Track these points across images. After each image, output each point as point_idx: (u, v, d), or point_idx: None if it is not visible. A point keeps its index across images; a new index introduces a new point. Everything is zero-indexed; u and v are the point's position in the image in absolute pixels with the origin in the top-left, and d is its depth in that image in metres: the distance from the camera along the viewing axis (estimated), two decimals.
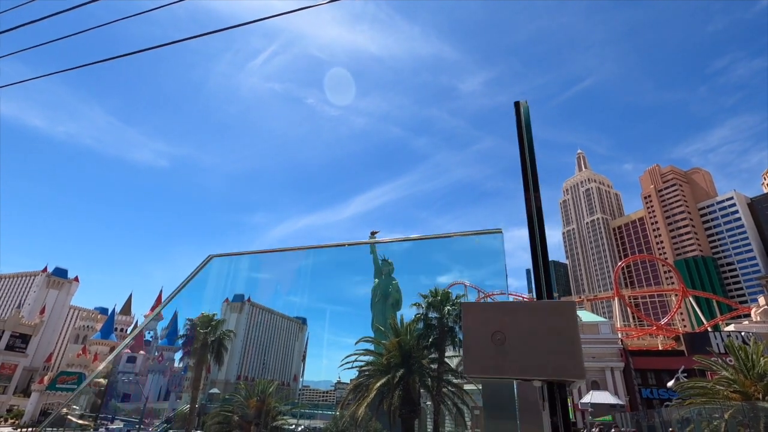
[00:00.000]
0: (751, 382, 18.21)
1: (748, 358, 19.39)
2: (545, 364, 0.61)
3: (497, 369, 0.61)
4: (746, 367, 18.80)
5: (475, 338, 0.67)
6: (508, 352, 0.63)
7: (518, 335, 0.62)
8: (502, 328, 0.63)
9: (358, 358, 21.72)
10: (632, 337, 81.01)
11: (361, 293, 30.45)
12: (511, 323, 0.64)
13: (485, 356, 0.61)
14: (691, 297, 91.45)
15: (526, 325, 0.65)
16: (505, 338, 0.66)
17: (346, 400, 21.36)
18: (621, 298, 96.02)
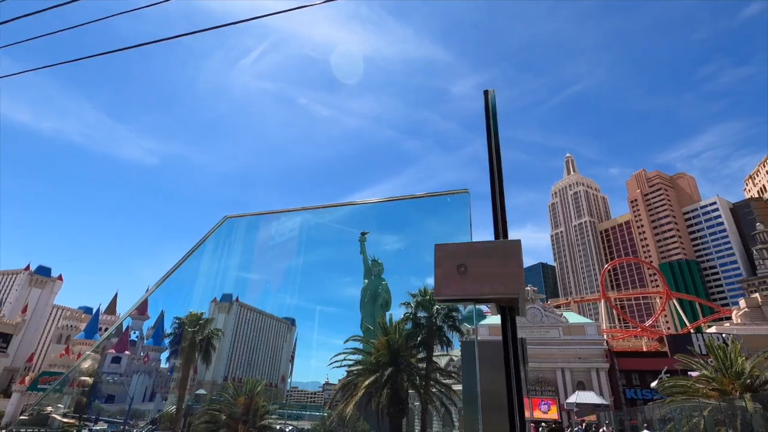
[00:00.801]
0: (729, 381, 18.76)
1: (726, 357, 19.95)
2: (496, 286, 0.88)
3: (461, 291, 0.89)
4: (725, 366, 19.35)
5: (444, 270, 0.93)
6: (469, 279, 0.90)
7: (477, 267, 0.89)
8: (465, 262, 0.90)
9: (346, 357, 21.74)
10: (617, 338, 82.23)
11: (351, 294, 29.02)
12: (472, 258, 0.92)
13: (452, 283, 0.88)
14: (674, 299, 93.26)
15: (483, 258, 0.93)
16: (467, 269, 0.93)
17: (334, 400, 21.45)
18: (607, 300, 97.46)
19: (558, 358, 59.21)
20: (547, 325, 62.78)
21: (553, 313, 65.38)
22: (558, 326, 62.44)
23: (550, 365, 59.10)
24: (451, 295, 0.91)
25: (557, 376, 58.28)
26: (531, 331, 62.56)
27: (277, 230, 19.34)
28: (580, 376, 57.44)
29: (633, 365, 55.50)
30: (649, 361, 51.78)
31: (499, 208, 1.07)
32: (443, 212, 1.50)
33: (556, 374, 58.48)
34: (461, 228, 1.30)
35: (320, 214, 10.83)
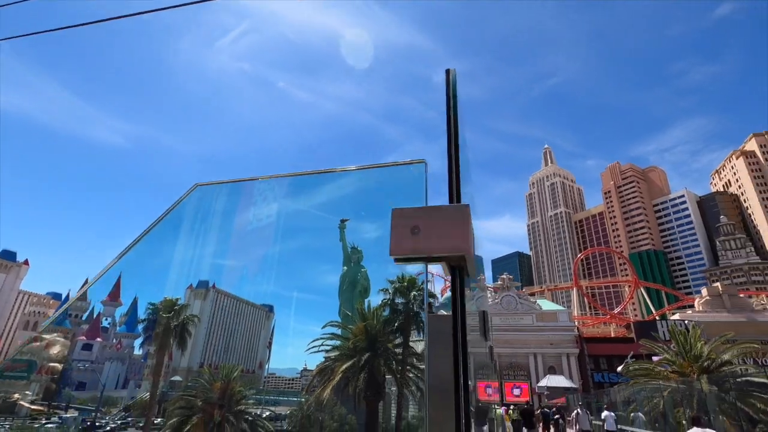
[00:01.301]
0: (688, 364, 19.87)
1: (687, 342, 21.07)
2: (445, 245, 0.96)
3: (413, 250, 0.97)
4: (685, 350, 20.45)
5: (398, 231, 1.01)
6: (421, 239, 0.98)
7: (428, 228, 0.97)
8: (418, 224, 0.98)
9: (324, 342, 21.90)
10: (588, 325, 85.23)
11: (329, 282, 28.66)
12: (424, 220, 1.00)
13: (404, 243, 0.96)
14: (642, 288, 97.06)
15: (434, 221, 1.01)
16: (419, 230, 1.00)
17: (311, 384, 21.59)
18: (579, 289, 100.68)
19: (531, 344, 61.11)
20: (521, 312, 64.54)
21: (528, 301, 67.18)
22: (532, 313, 64.27)
23: (523, 351, 60.97)
24: (404, 254, 1.01)
25: (530, 361, 60.22)
26: (506, 318, 64.22)
27: (255, 215, 19.04)
28: (551, 361, 59.51)
29: (601, 350, 57.80)
30: (616, 347, 53.94)
31: (454, 177, 1.13)
32: (400, 182, 1.52)
33: (529, 359, 60.41)
34: (417, 196, 1.35)
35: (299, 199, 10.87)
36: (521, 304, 65.49)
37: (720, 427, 13.91)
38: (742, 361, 24.65)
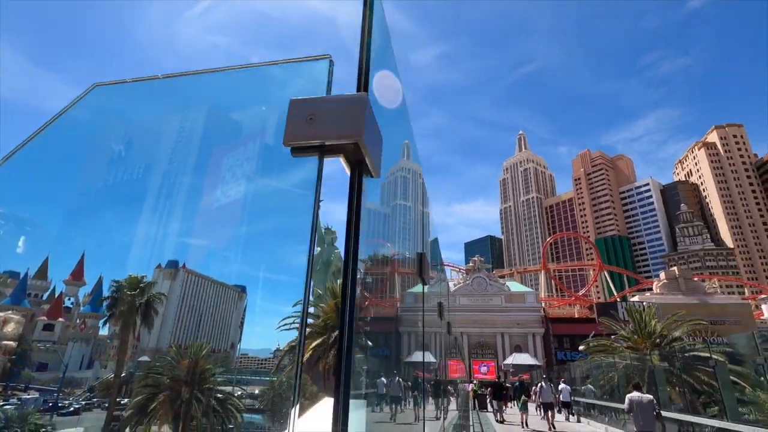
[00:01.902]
0: (642, 340, 21.06)
1: (642, 320, 22.26)
2: (339, 131, 0.95)
3: (307, 137, 0.96)
4: (640, 328, 21.63)
5: (294, 120, 0.98)
6: (316, 128, 0.97)
7: (323, 116, 0.96)
8: (315, 113, 0.97)
9: (295, 320, 21.91)
10: (553, 306, 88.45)
11: (303, 263, 28.90)
12: (321, 110, 0.99)
13: (299, 131, 0.94)
14: (606, 272, 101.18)
15: (331, 110, 1.00)
16: (315, 119, 0.98)
17: (281, 362, 21.74)
18: (547, 272, 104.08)
19: (499, 324, 63.08)
20: (491, 294, 66.31)
21: (497, 282, 69.01)
22: (501, 294, 66.15)
23: (491, 330, 62.91)
24: (298, 142, 0.99)
25: (497, 341, 62.26)
26: (476, 299, 65.88)
27: (223, 192, 18.68)
28: (517, 340, 61.74)
29: (565, 330, 60.27)
30: (579, 327, 56.24)
31: (364, 67, 1.10)
32: (302, 78, 1.44)
33: (497, 338, 62.44)
34: (319, 91, 1.29)
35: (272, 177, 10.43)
36: (491, 286, 67.25)
37: (666, 397, 14.88)
38: (691, 339, 26.22)
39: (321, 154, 1.02)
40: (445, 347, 10.95)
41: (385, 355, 4.99)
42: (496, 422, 18.74)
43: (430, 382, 7.15)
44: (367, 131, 1.03)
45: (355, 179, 1.06)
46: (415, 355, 5.66)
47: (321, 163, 1.04)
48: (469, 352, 62.34)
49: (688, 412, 12.72)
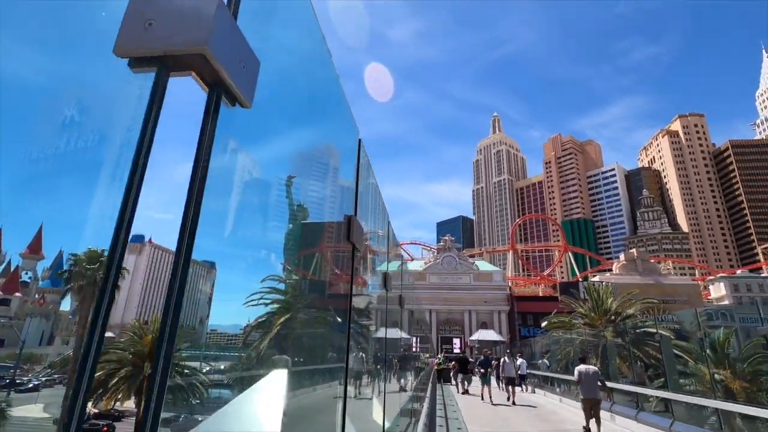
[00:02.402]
0: (598, 317, 22.24)
1: (600, 299, 23.42)
2: (181, 37, 0.71)
3: (142, 45, 0.72)
4: (597, 305, 22.79)
5: (128, 26, 0.76)
6: (153, 32, 0.74)
7: (164, 20, 0.71)
8: (154, 18, 0.73)
9: (263, 296, 21.82)
10: (520, 285, 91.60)
11: (275, 239, 28.72)
12: (162, 13, 0.75)
13: (135, 38, 0.70)
14: (570, 253, 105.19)
15: (173, 14, 0.76)
16: (152, 24, 0.77)
17: (247, 337, 21.54)
18: (515, 252, 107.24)
19: (467, 302, 64.94)
20: (460, 272, 67.89)
21: (467, 262, 70.64)
22: (470, 273, 67.84)
23: (459, 308, 64.71)
24: (131, 52, 0.74)
25: (465, 318, 64.19)
26: (445, 278, 67.32)
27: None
28: (484, 317, 63.85)
29: (530, 308, 62.68)
30: (543, 305, 58.51)
31: None
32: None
33: (464, 316, 64.36)
34: None
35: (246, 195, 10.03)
36: (461, 265, 68.79)
37: (616, 370, 15.87)
38: (643, 316, 27.85)
39: (164, 69, 0.81)
40: (402, 323, 11.17)
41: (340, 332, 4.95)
42: (459, 394, 19.54)
43: (386, 357, 7.31)
44: (221, 40, 0.87)
45: (211, 106, 0.89)
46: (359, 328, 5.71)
47: (163, 83, 0.79)
48: (437, 328, 64.09)
49: (635, 383, 13.62)
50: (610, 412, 11.46)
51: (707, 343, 16.45)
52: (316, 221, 4.43)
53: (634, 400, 11.26)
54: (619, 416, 10.89)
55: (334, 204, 3.85)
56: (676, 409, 9.84)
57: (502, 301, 64.78)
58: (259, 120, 1.37)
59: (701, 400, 9.78)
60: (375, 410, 4.22)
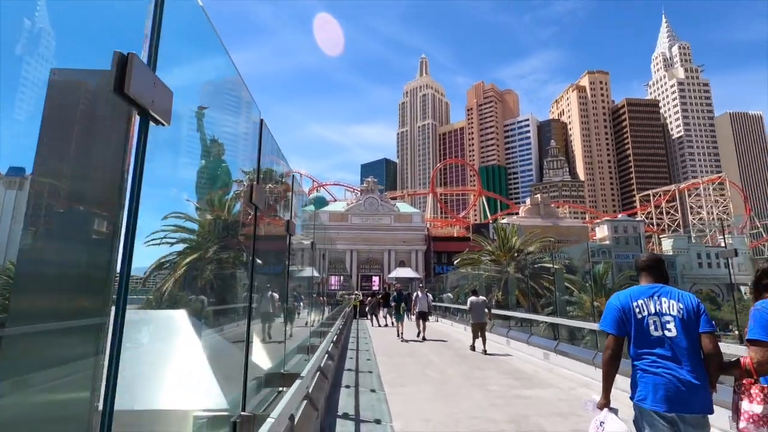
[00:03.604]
0: (503, 254, 24.19)
1: (506, 237, 25.33)
2: None
3: None
4: (503, 243, 24.68)
5: None
6: None
7: None
8: None
9: (167, 235, 20.05)
10: (437, 227, 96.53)
11: (187, 177, 25.93)
12: None
13: None
14: (484, 197, 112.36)
15: None
16: None
17: (148, 279, 19.80)
18: (434, 195, 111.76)
19: (387, 242, 67.12)
20: (381, 213, 69.28)
21: (388, 203, 72.06)
22: (391, 214, 69.55)
23: (379, 248, 66.79)
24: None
25: (384, 257, 66.64)
26: (367, 218, 68.38)
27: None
28: (402, 256, 66.84)
29: (445, 248, 66.56)
30: (457, 245, 62.30)
31: None
32: None
33: (384, 255, 66.75)
34: None
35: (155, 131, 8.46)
36: (382, 206, 70.03)
37: (514, 300, 17.57)
38: (542, 253, 30.95)
39: None
40: (316, 262, 10.91)
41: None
42: (373, 327, 20.42)
43: (297, 296, 6.98)
44: None
45: None
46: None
47: None
48: (358, 267, 65.95)
49: (530, 312, 15.17)
50: (506, 338, 12.62)
51: (590, 276, 18.59)
52: (232, 159, 4.01)
53: (528, 326, 12.48)
54: (514, 341, 12.04)
55: (247, 142, 3.54)
56: (562, 332, 11.08)
57: (420, 241, 67.99)
58: None
59: (579, 323, 11.19)
60: (278, 346, 3.96)
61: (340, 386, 7.30)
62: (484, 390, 7.22)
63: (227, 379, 2.31)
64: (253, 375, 2.89)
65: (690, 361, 2.50)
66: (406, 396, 6.83)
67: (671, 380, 2.48)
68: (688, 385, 2.45)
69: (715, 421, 3.24)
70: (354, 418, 5.60)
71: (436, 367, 9.55)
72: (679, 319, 2.58)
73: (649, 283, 2.80)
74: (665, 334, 2.57)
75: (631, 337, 2.67)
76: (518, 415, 5.70)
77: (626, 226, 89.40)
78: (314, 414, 4.39)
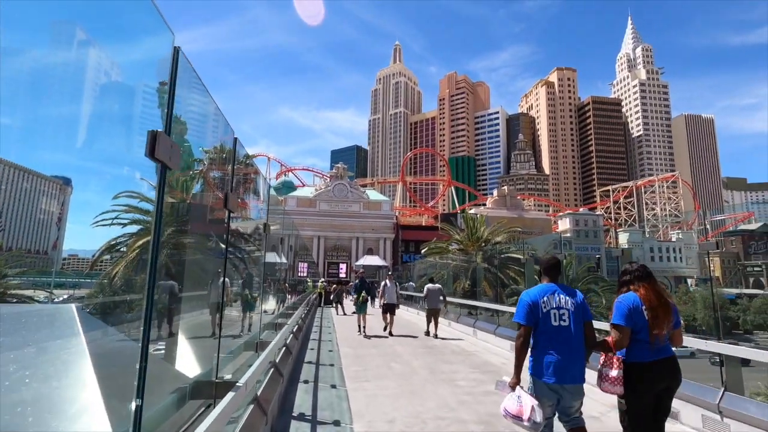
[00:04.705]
0: (471, 243, 24.18)
1: (474, 227, 25.32)
2: None
3: None
4: (471, 233, 24.66)
5: None
6: None
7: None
8: None
9: (119, 215, 18.63)
10: (406, 215, 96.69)
11: (139, 154, 23.96)
12: None
13: None
14: (453, 187, 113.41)
15: None
16: None
17: (96, 262, 18.47)
18: (404, 184, 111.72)
19: (355, 229, 66.48)
20: (350, 200, 68.40)
21: (358, 190, 71.23)
22: (360, 201, 68.81)
23: (347, 235, 66.07)
24: None
25: (352, 244, 66.02)
26: (335, 205, 67.35)
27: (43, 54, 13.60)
28: (370, 244, 66.47)
29: (413, 236, 66.75)
30: (425, 233, 62.61)
31: None
32: None
33: (352, 242, 66.12)
34: None
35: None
36: (352, 193, 69.15)
37: (482, 290, 17.48)
38: (507, 244, 31.32)
39: None
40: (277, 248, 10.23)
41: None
42: (338, 315, 19.89)
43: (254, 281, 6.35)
44: None
45: None
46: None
47: None
48: (325, 254, 65.04)
49: (495, 301, 15.08)
50: (473, 328, 12.41)
51: None
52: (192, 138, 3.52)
53: (495, 316, 12.31)
54: (481, 331, 11.83)
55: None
56: None
57: (389, 229, 67.77)
58: None
59: None
60: (212, 346, 3.35)
61: (298, 381, 6.73)
62: (453, 386, 6.85)
63: (119, 398, 1.68)
64: (165, 387, 2.29)
65: (577, 344, 3.26)
66: (369, 392, 6.35)
67: (560, 360, 3.20)
68: (572, 363, 3.21)
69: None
70: (311, 419, 5.06)
71: (401, 359, 9.15)
72: (572, 312, 3.32)
73: (550, 283, 3.50)
74: (561, 324, 3.28)
75: (537, 326, 3.32)
76: (488, 415, 5.34)
77: (587, 220, 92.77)
78: (263, 420, 3.82)
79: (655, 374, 3.11)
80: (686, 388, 4.88)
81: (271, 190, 17.93)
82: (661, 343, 3.13)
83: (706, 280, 74.41)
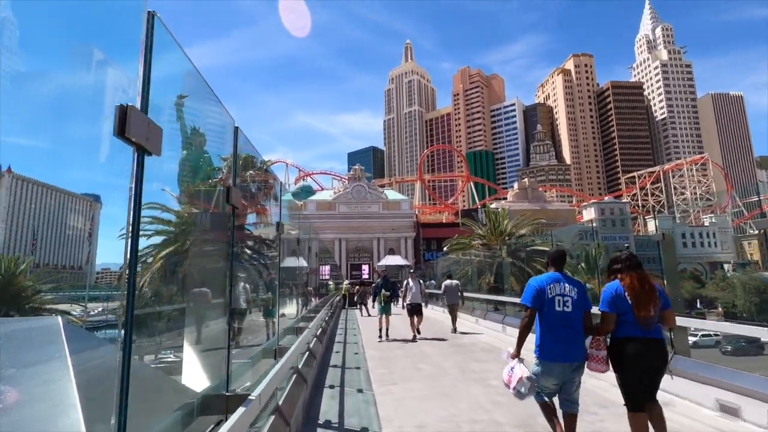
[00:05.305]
0: (495, 238, 23.65)
1: (497, 221, 24.75)
2: None
3: None
4: (494, 227, 24.11)
5: None
6: None
7: None
8: None
9: (144, 227, 19.05)
10: (426, 213, 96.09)
11: (170, 169, 24.31)
12: None
13: None
14: (472, 182, 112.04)
15: None
16: None
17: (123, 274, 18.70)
18: (422, 182, 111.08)
19: (376, 230, 66.39)
20: (369, 201, 68.38)
21: (376, 191, 71.16)
22: (379, 202, 68.71)
23: (368, 236, 66.04)
24: None
25: (373, 245, 65.96)
26: (355, 206, 67.43)
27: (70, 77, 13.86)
28: (391, 244, 66.26)
29: (434, 234, 66.15)
30: (446, 231, 61.91)
31: None
32: None
33: (373, 243, 66.06)
34: None
35: None
36: (370, 194, 69.11)
37: (509, 286, 16.98)
38: (532, 236, 30.55)
39: None
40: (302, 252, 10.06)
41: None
42: (362, 317, 19.70)
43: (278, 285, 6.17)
44: None
45: None
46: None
47: None
48: (347, 256, 65.19)
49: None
50: (502, 324, 12.01)
51: (583, 257, 17.97)
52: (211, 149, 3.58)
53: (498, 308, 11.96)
54: (510, 327, 11.43)
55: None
56: None
57: (409, 228, 67.41)
58: None
59: None
60: (222, 356, 3.16)
61: (323, 386, 6.53)
62: (485, 386, 6.52)
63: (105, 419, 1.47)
64: (169, 403, 2.09)
65: (578, 328, 3.64)
66: (398, 395, 6.09)
67: (564, 340, 3.58)
68: (573, 344, 3.60)
69: None
70: (337, 426, 4.84)
71: (429, 359, 8.85)
72: (575, 300, 3.67)
73: (556, 272, 3.85)
74: (565, 310, 3.64)
75: (542, 310, 3.68)
76: (526, 416, 5.00)
77: (612, 208, 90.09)
78: (285, 431, 3.61)
79: (638, 349, 3.41)
80: (748, 382, 4.43)
81: (290, 196, 17.53)
82: (650, 324, 3.44)
83: (744, 264, 71.09)
